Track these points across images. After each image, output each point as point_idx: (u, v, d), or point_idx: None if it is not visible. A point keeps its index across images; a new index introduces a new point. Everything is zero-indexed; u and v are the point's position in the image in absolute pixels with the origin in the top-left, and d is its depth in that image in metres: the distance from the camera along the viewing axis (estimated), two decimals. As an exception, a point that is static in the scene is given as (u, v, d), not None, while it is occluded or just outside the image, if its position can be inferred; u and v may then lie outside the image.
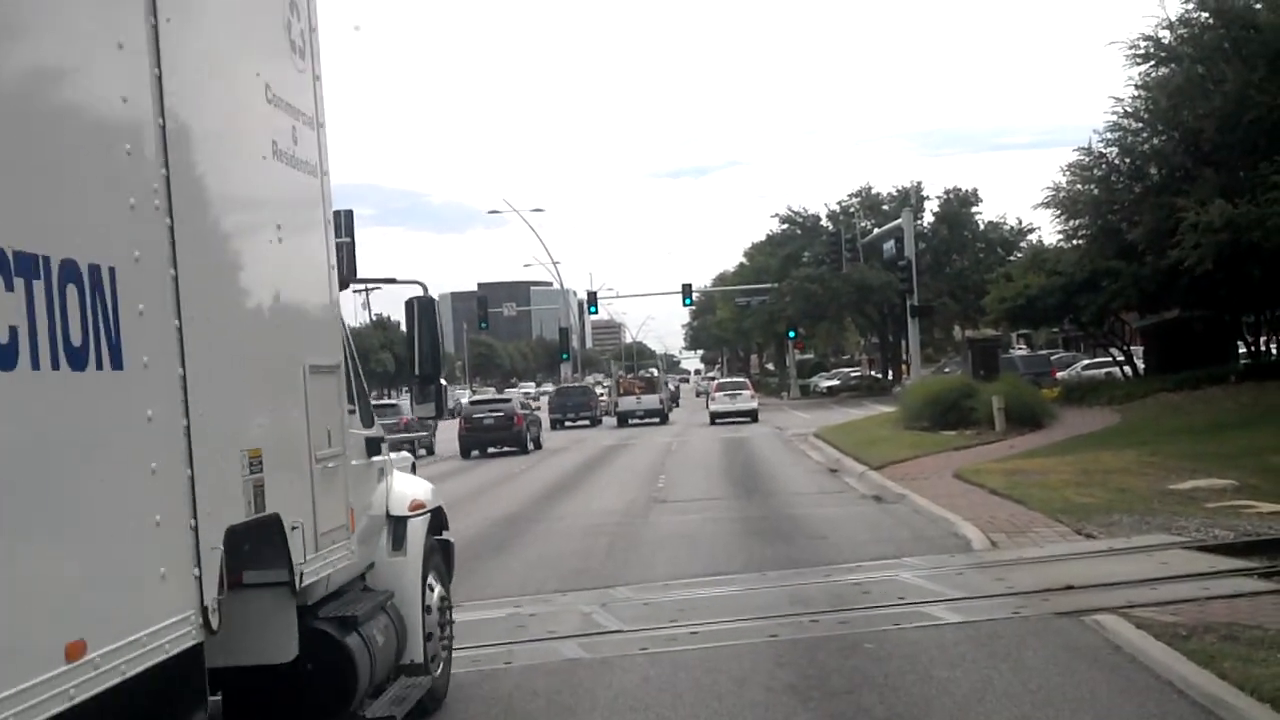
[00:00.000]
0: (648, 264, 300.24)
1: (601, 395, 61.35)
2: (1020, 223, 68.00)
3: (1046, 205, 32.44)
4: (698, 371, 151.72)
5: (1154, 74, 28.58)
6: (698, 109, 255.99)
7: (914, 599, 9.89)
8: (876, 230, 56.68)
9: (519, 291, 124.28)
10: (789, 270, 71.25)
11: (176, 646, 3.97)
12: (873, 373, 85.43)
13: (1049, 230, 69.86)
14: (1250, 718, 6.17)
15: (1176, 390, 30.15)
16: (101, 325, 3.63)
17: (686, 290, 74.40)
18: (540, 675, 8.18)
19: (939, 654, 8.04)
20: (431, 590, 7.41)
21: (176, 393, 4.14)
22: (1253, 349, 35.45)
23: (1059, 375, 44.82)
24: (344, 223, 20.20)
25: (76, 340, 3.48)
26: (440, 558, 7.84)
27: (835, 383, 79.63)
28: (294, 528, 5.09)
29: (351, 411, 6.37)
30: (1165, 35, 27.99)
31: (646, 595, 11.00)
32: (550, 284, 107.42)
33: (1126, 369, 38.32)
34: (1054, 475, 17.37)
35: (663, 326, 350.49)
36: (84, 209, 3.63)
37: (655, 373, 66.61)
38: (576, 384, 64.56)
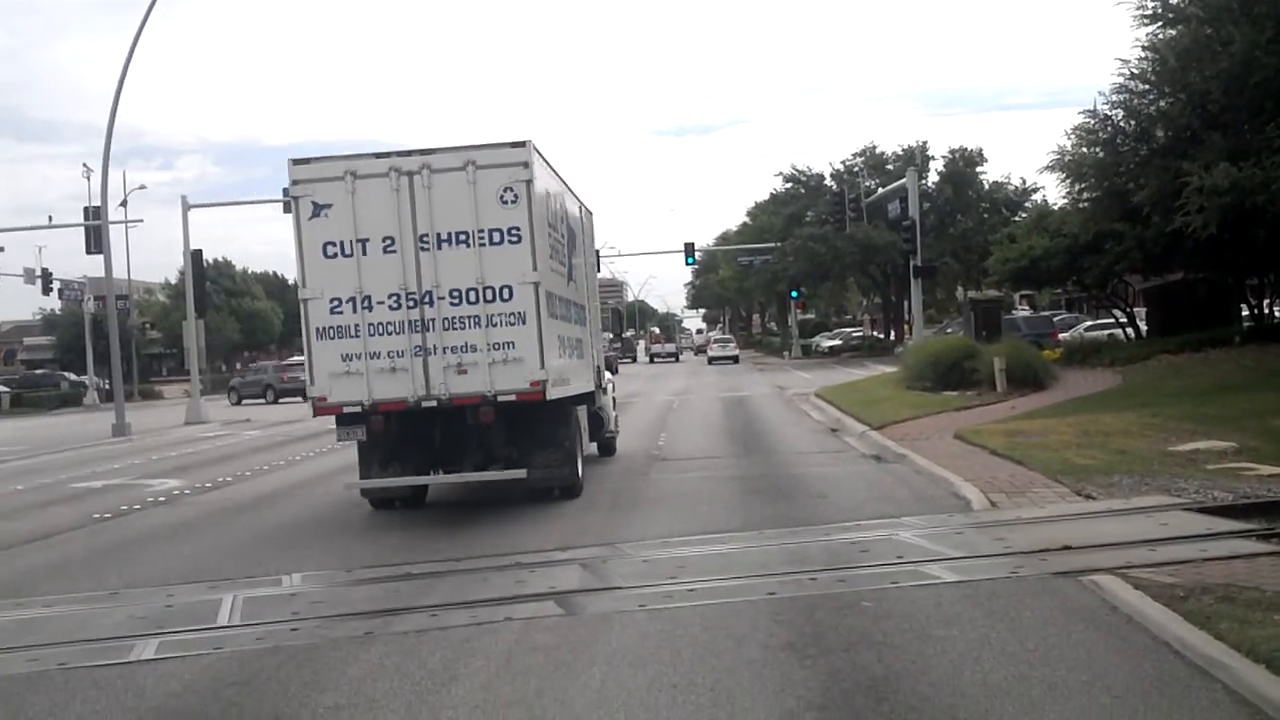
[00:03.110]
0: (650, 222, 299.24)
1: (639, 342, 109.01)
2: (1025, 183, 67.85)
3: (1051, 169, 32.22)
4: (699, 331, 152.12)
5: (1161, 35, 28.31)
6: (703, 67, 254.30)
7: (913, 558, 9.91)
8: (881, 190, 56.44)
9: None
10: (792, 229, 71.18)
11: (590, 387, 17.67)
12: (875, 333, 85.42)
13: (1054, 192, 69.56)
14: (1246, 678, 6.19)
15: (1178, 352, 30.12)
16: (578, 314, 16.93)
17: (689, 249, 74.27)
18: (540, 631, 8.23)
19: (936, 613, 8.08)
20: (612, 408, 20.40)
21: (589, 331, 18.03)
22: (1256, 312, 35.41)
23: (1061, 336, 44.78)
24: None
25: (580, 317, 17.12)
26: (612, 400, 20.70)
27: (837, 343, 79.69)
28: (599, 369, 19.20)
29: (603, 342, 21.38)
30: (1174, -5, 27.73)
31: (645, 552, 11.04)
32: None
33: (1129, 331, 38.30)
34: (1054, 436, 17.37)
35: (664, 286, 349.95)
36: (590, 305, 18.68)
37: (657, 331, 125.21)
38: (626, 336, 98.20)
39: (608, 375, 20.48)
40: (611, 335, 25.08)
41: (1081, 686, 6.43)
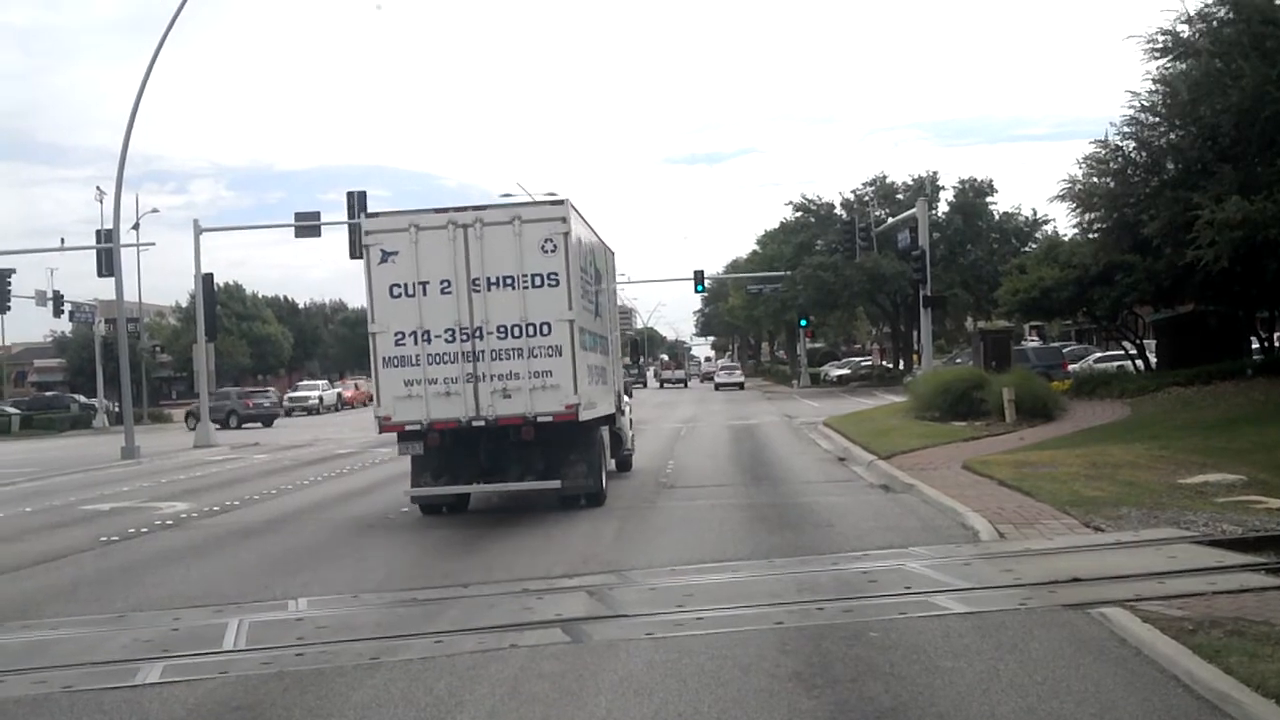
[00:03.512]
0: (660, 250, 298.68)
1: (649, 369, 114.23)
2: (1035, 214, 67.89)
3: (1062, 198, 32.17)
4: (708, 359, 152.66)
5: (1172, 68, 28.36)
6: (713, 95, 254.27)
7: (920, 588, 9.88)
8: (890, 219, 56.54)
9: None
10: (802, 258, 71.17)
11: (612, 409, 19.80)
12: (884, 362, 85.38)
13: (1064, 222, 69.68)
14: (1255, 713, 6.15)
15: (1188, 385, 30.00)
16: (603, 345, 19.00)
17: (699, 277, 74.64)
18: (546, 658, 8.20)
19: (944, 644, 8.05)
20: (629, 429, 22.49)
21: (611, 359, 20.29)
22: (1266, 345, 35.30)
23: (1070, 368, 44.69)
24: (357, 204, 23.40)
25: (604, 347, 19.12)
26: (629, 421, 22.84)
27: (846, 372, 79.81)
28: (619, 394, 21.13)
29: (622, 369, 23.47)
30: (1184, 29, 27.75)
31: (653, 580, 11.02)
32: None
33: (1139, 362, 38.20)
34: (1063, 468, 17.32)
35: (674, 313, 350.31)
36: (611, 336, 20.72)
37: (667, 358, 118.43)
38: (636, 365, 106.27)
39: (625, 399, 22.44)
40: (629, 362, 32.00)
41: (1090, 720, 6.39)
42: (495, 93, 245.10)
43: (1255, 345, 35.61)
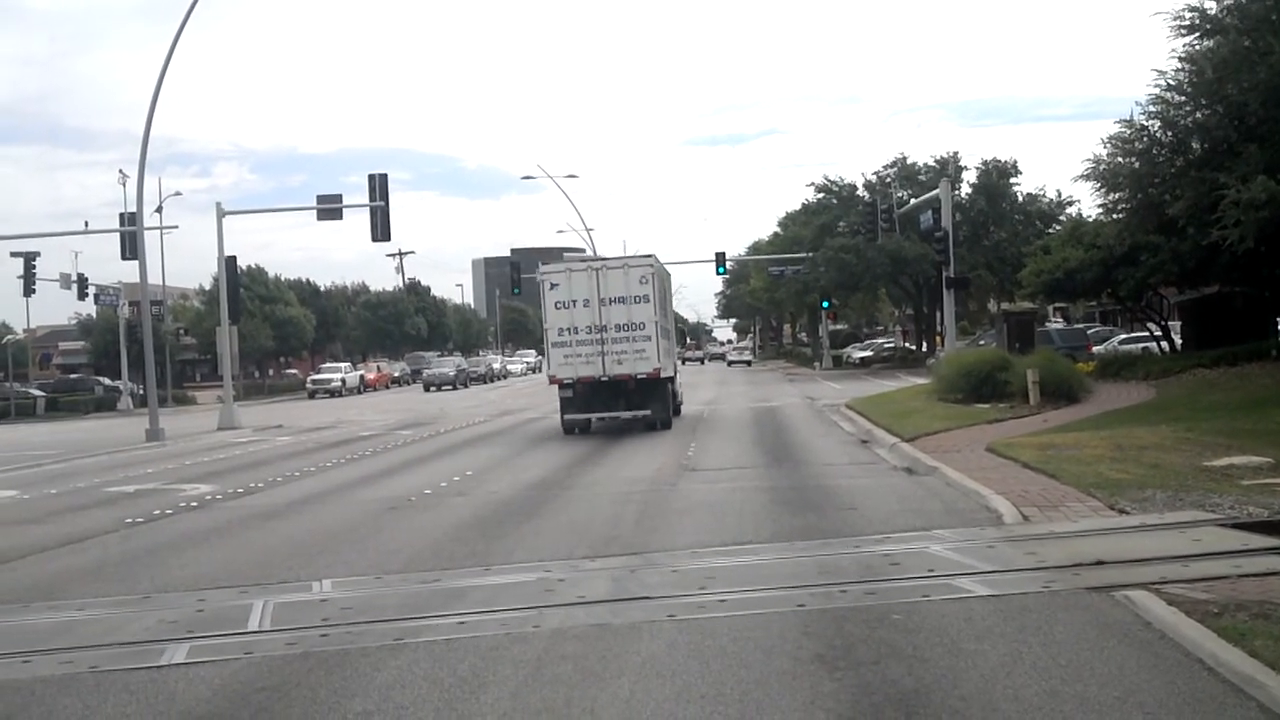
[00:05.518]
0: (682, 232, 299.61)
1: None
2: (1059, 195, 67.31)
3: (1086, 178, 31.90)
4: (728, 341, 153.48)
5: (1198, 46, 28.06)
6: (735, 76, 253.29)
7: (943, 571, 9.85)
8: (913, 200, 56.21)
9: (552, 258, 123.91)
10: (824, 240, 70.85)
11: (673, 373, 31.59)
12: (906, 344, 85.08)
13: (1088, 203, 69.06)
14: (1281, 696, 6.12)
15: (1214, 366, 29.85)
16: (669, 334, 31.35)
17: (720, 259, 74.45)
18: (568, 640, 8.22)
19: (968, 626, 8.02)
20: (680, 387, 33.73)
21: (669, 340, 30.97)
22: (1292, 326, 35.03)
23: (1095, 349, 44.48)
24: (378, 187, 23.92)
25: (669, 335, 31.67)
26: (680, 381, 33.73)
27: (868, 354, 79.56)
28: (675, 363, 33.50)
29: (676, 349, 36.53)
30: (1211, 6, 27.48)
31: (675, 562, 11.02)
32: (584, 250, 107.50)
33: (1163, 344, 38.00)
34: (1088, 450, 17.24)
35: (695, 295, 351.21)
36: (671, 329, 33.33)
37: (688, 340, 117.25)
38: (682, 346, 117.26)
39: (679, 367, 35.19)
40: (681, 344, 53.04)
41: (1114, 703, 6.37)
42: (516, 75, 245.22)
43: (1281, 326, 35.34)
